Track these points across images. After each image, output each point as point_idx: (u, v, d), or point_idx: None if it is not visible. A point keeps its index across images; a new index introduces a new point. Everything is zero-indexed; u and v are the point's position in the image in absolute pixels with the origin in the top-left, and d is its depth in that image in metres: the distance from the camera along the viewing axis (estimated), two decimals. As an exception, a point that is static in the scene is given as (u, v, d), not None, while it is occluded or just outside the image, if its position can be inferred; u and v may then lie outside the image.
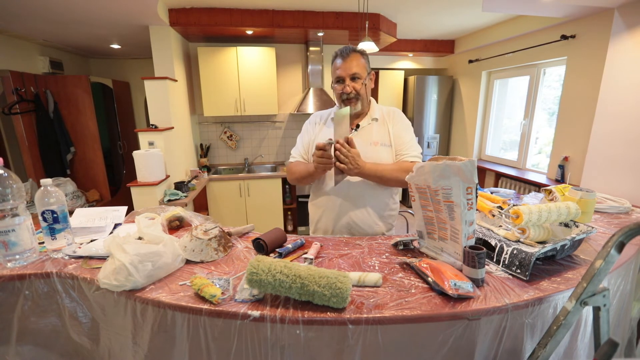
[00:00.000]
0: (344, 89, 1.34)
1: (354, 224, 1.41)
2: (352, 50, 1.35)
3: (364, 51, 1.38)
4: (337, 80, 1.37)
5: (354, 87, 1.34)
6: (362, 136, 1.40)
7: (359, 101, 1.37)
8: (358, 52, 1.36)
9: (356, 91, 1.35)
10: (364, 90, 1.37)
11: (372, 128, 1.41)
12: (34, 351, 1.04)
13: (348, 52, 1.34)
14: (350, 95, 1.35)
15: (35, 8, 2.52)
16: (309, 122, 1.54)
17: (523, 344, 0.86)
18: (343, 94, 1.36)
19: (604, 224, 1.39)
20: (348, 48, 1.35)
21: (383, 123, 1.43)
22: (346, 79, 1.34)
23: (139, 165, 2.67)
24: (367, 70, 1.37)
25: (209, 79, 3.64)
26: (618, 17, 2.03)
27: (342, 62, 1.34)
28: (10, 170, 1.00)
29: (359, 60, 1.35)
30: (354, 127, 1.42)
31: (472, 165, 0.88)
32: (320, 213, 1.46)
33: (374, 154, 1.36)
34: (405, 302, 0.82)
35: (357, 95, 1.36)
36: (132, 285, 0.87)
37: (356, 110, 1.38)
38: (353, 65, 1.33)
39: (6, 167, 0.99)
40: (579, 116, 2.89)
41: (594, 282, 0.73)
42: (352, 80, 1.34)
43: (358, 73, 1.33)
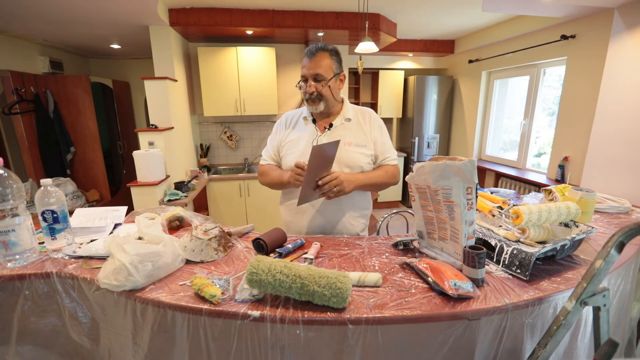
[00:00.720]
0: (307, 88, 1.33)
1: (329, 224, 1.40)
2: (321, 49, 1.31)
3: (335, 50, 1.35)
4: (302, 79, 1.35)
5: (315, 87, 1.31)
6: (335, 136, 1.36)
7: (321, 102, 1.34)
8: (327, 52, 1.32)
9: (318, 92, 1.32)
10: (328, 91, 1.34)
11: (345, 128, 1.39)
12: (34, 351, 1.04)
13: (315, 52, 1.31)
14: (312, 96, 1.33)
15: (35, 8, 2.52)
16: (278, 123, 1.51)
17: (523, 344, 0.86)
18: (306, 93, 1.34)
19: (604, 224, 1.39)
20: (317, 47, 1.32)
21: (357, 123, 1.41)
22: (309, 79, 1.32)
23: (139, 165, 2.66)
24: (334, 71, 1.33)
25: (209, 79, 3.64)
26: (618, 17, 2.02)
27: (307, 61, 1.31)
28: (10, 170, 1.00)
29: (326, 61, 1.31)
30: (327, 127, 1.39)
31: (472, 165, 0.88)
32: (293, 215, 1.43)
33: (347, 155, 1.35)
34: (405, 302, 0.82)
35: (319, 96, 1.33)
36: (132, 285, 0.87)
37: (318, 110, 1.36)
38: (318, 66, 1.30)
39: (6, 167, 0.99)
40: (579, 116, 2.89)
41: (594, 282, 0.73)
42: (315, 80, 1.31)
43: (321, 74, 1.30)
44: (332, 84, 1.34)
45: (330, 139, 1.35)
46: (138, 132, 2.90)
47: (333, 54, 1.34)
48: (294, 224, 1.44)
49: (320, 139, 1.37)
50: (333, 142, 1.18)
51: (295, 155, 1.39)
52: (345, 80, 1.42)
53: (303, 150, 1.37)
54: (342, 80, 1.40)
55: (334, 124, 1.39)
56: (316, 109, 1.35)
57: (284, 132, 1.46)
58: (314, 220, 1.40)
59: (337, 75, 1.36)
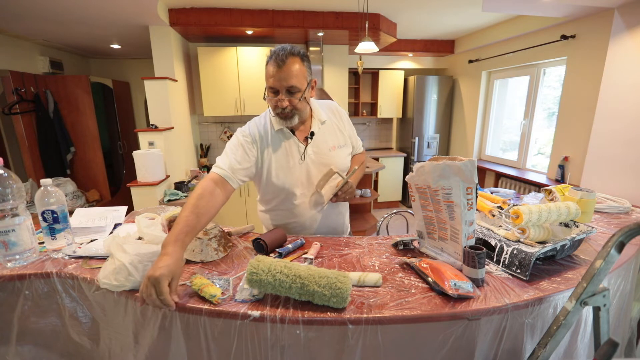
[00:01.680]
0: (278, 102, 1.12)
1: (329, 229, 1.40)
2: (290, 53, 1.09)
3: (304, 54, 1.14)
4: (270, 91, 1.13)
5: (290, 101, 1.12)
6: (320, 144, 1.27)
7: (295, 116, 1.16)
8: (297, 56, 1.10)
9: (292, 106, 1.13)
10: (303, 104, 1.15)
11: (325, 132, 1.29)
12: (34, 351, 1.04)
13: (284, 58, 1.07)
14: (285, 111, 1.13)
15: (35, 8, 2.52)
16: (245, 137, 1.21)
17: (523, 344, 0.86)
18: (277, 107, 1.14)
19: (604, 224, 1.39)
20: (285, 50, 1.08)
21: (331, 123, 1.32)
22: (281, 91, 1.10)
23: (139, 165, 2.67)
24: (307, 79, 1.14)
25: (209, 79, 3.64)
26: (618, 17, 2.03)
27: (276, 70, 1.08)
28: (10, 170, 1.00)
29: (298, 67, 1.09)
30: (308, 136, 1.25)
31: (472, 165, 0.88)
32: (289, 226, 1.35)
33: (333, 159, 1.30)
34: (405, 302, 0.82)
35: (293, 111, 1.14)
36: (132, 285, 0.87)
37: (291, 124, 1.19)
38: (291, 75, 1.08)
39: (6, 167, 0.99)
40: (579, 116, 2.89)
41: (594, 282, 0.73)
42: (289, 93, 1.11)
43: (296, 86, 1.10)
44: (306, 95, 1.16)
45: (316, 148, 1.26)
46: (138, 132, 2.90)
47: (304, 59, 1.13)
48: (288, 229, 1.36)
49: (307, 151, 1.25)
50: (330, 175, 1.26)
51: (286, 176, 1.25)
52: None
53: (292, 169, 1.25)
54: (314, 87, 1.22)
55: (313, 131, 1.25)
56: (290, 123, 1.18)
57: (257, 151, 1.22)
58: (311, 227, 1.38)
59: (310, 84, 1.17)
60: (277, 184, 1.26)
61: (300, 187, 1.28)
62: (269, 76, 1.11)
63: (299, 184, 1.27)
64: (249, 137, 1.22)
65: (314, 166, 1.27)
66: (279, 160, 1.25)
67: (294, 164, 1.25)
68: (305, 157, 1.26)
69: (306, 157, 1.26)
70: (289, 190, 1.27)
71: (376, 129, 5.46)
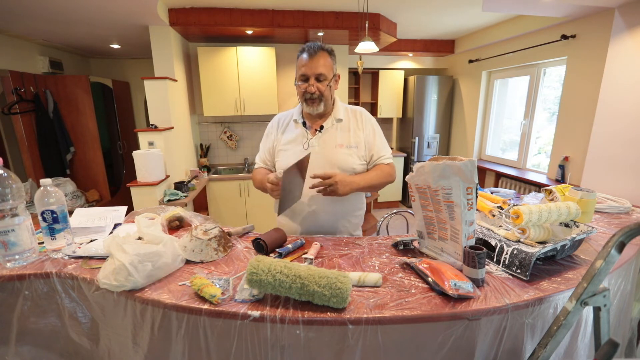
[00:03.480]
0: (308, 88, 1.29)
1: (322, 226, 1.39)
2: (321, 48, 1.28)
3: (332, 50, 1.33)
4: (301, 78, 1.30)
5: (318, 87, 1.28)
6: (327, 138, 1.36)
7: (321, 102, 1.31)
8: (326, 51, 1.30)
9: (320, 92, 1.29)
10: (329, 92, 1.32)
11: (337, 130, 1.37)
12: (33, 351, 1.04)
13: (316, 50, 1.27)
14: (313, 96, 1.29)
15: (35, 8, 2.52)
16: (270, 126, 1.48)
17: (523, 344, 0.86)
18: (306, 93, 1.30)
19: (604, 224, 1.39)
20: (316, 45, 1.29)
21: (348, 124, 1.38)
22: (311, 77, 1.28)
23: (138, 165, 2.66)
24: (333, 72, 1.32)
25: (209, 79, 3.64)
26: (618, 17, 2.02)
27: (308, 60, 1.27)
28: (10, 170, 1.00)
29: (327, 60, 1.29)
30: (318, 129, 1.37)
31: (472, 165, 0.87)
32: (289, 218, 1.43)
33: (338, 157, 1.34)
34: (405, 302, 0.82)
35: (321, 97, 1.30)
36: (131, 285, 0.87)
37: (318, 111, 1.34)
38: (320, 65, 1.26)
39: (6, 167, 0.99)
40: (579, 116, 2.89)
41: (595, 282, 0.73)
42: (317, 80, 1.28)
43: (324, 74, 1.27)
44: (332, 84, 1.33)
45: (322, 141, 1.35)
46: (138, 132, 2.90)
47: (332, 55, 1.32)
48: (288, 227, 1.43)
49: (311, 141, 1.35)
50: (303, 159, 1.19)
51: (287, 159, 1.36)
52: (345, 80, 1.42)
53: (294, 154, 1.35)
54: (337, 82, 1.38)
55: (324, 125, 1.36)
56: (316, 109, 1.33)
57: (275, 136, 1.44)
58: (308, 223, 1.39)
59: (335, 76, 1.34)
60: (278, 167, 1.41)
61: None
62: (301, 65, 1.30)
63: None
64: (272, 125, 1.48)
65: (316, 157, 1.33)
66: (285, 143, 1.41)
67: (297, 150, 1.36)
68: (309, 147, 1.35)
69: (309, 146, 1.35)
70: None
71: (376, 129, 5.46)
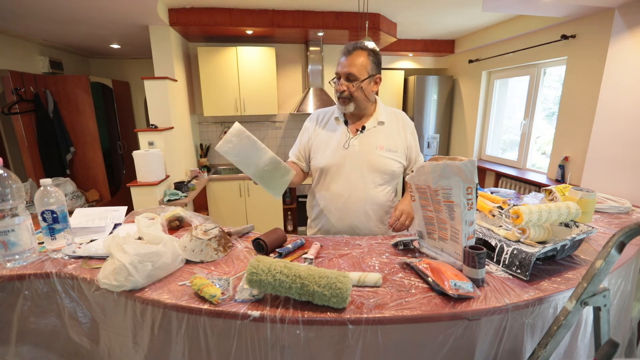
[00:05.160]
0: (338, 87, 1.30)
1: (355, 227, 1.40)
2: (359, 47, 1.27)
3: (373, 51, 1.29)
4: (336, 76, 1.32)
5: (347, 87, 1.28)
6: (368, 139, 1.35)
7: (351, 102, 1.31)
8: (364, 51, 1.27)
9: (349, 92, 1.28)
10: (360, 92, 1.29)
11: (378, 131, 1.37)
12: (33, 351, 1.04)
13: (352, 50, 1.27)
14: (342, 95, 1.29)
15: (35, 8, 2.52)
16: (309, 120, 1.48)
17: (523, 344, 0.86)
18: (337, 91, 1.31)
19: (604, 224, 1.39)
20: (355, 44, 1.28)
21: (390, 127, 1.38)
22: (342, 77, 1.29)
23: (138, 165, 2.66)
24: (368, 72, 1.28)
25: (209, 78, 3.64)
26: (618, 17, 2.02)
27: (344, 59, 1.28)
28: (10, 170, 1.00)
29: (362, 60, 1.26)
30: (360, 129, 1.36)
31: (472, 165, 0.87)
32: (321, 215, 1.45)
33: (378, 159, 1.34)
34: (405, 302, 0.82)
35: (350, 97, 1.29)
36: (131, 285, 0.87)
37: (348, 111, 1.33)
38: (352, 64, 1.26)
39: (6, 167, 0.99)
40: (579, 116, 2.89)
41: (595, 282, 0.73)
42: (348, 80, 1.28)
43: (354, 74, 1.26)
44: (364, 85, 1.29)
45: (363, 142, 1.35)
46: (138, 132, 2.90)
47: (371, 54, 1.28)
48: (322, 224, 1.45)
49: (352, 141, 1.35)
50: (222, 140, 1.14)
51: (325, 157, 1.38)
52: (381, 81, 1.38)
53: (333, 152, 1.35)
54: (377, 83, 1.34)
55: (366, 126, 1.36)
56: (346, 109, 1.33)
57: (313, 130, 1.44)
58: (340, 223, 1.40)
59: (372, 77, 1.30)
60: (315, 163, 1.42)
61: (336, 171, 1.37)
62: (338, 64, 1.31)
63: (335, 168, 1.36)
64: (310, 120, 1.48)
65: (356, 157, 1.34)
66: (323, 140, 1.40)
67: (337, 148, 1.36)
68: (349, 146, 1.35)
69: (350, 146, 1.35)
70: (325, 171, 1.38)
71: (376, 129, 5.46)
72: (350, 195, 1.36)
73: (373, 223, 1.41)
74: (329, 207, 1.40)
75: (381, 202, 1.40)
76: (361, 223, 1.39)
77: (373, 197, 1.37)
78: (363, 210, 1.38)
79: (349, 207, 1.38)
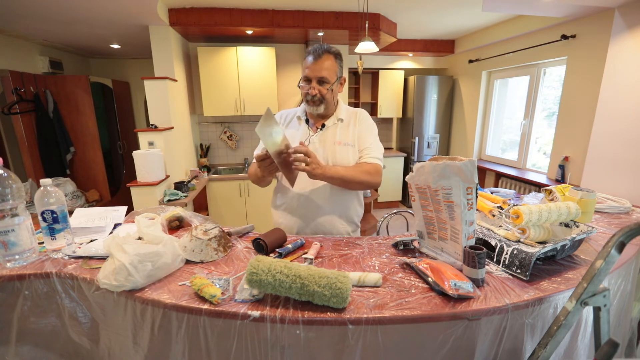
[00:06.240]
0: (310, 90, 1.31)
1: (319, 224, 1.39)
2: (326, 50, 1.30)
3: (339, 53, 1.34)
4: (304, 79, 1.33)
5: (319, 90, 1.30)
6: (327, 136, 1.38)
7: (322, 104, 1.34)
8: (332, 54, 1.31)
9: (321, 95, 1.31)
10: (330, 95, 1.33)
11: (337, 128, 1.40)
12: (33, 351, 1.04)
13: (321, 53, 1.29)
14: (314, 98, 1.32)
15: (35, 8, 2.52)
16: None
17: (523, 344, 0.86)
18: (308, 94, 1.33)
19: (604, 224, 1.39)
20: (322, 48, 1.30)
21: (348, 124, 1.41)
22: (313, 80, 1.30)
23: (138, 165, 2.66)
24: (337, 75, 1.33)
25: (209, 78, 3.64)
26: (618, 16, 2.02)
27: (312, 62, 1.29)
28: (10, 170, 1.00)
29: (331, 63, 1.30)
30: (320, 127, 1.40)
31: (472, 165, 0.87)
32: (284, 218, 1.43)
33: (336, 153, 1.35)
34: (405, 302, 0.82)
35: (322, 99, 1.32)
36: (131, 285, 0.87)
37: (318, 112, 1.36)
38: (323, 68, 1.28)
39: (6, 167, 0.99)
40: (579, 116, 2.89)
41: (595, 282, 0.73)
42: (320, 83, 1.30)
43: (326, 77, 1.29)
44: (334, 88, 1.34)
45: (322, 138, 1.37)
46: (138, 132, 2.90)
47: (337, 57, 1.33)
48: (284, 227, 1.44)
49: (312, 138, 1.37)
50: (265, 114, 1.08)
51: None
52: (345, 82, 1.41)
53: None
54: (342, 84, 1.40)
55: (326, 124, 1.39)
56: (316, 110, 1.36)
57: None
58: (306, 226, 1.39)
59: (339, 79, 1.35)
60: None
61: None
62: (305, 67, 1.32)
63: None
64: (277, 118, 1.48)
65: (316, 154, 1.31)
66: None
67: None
68: (310, 143, 1.37)
69: (310, 143, 1.37)
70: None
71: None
72: (312, 191, 1.37)
73: (337, 219, 1.41)
74: (292, 205, 1.40)
75: (343, 197, 1.40)
76: (325, 220, 1.39)
77: (334, 192, 1.37)
78: (326, 205, 1.38)
79: (311, 202, 1.37)
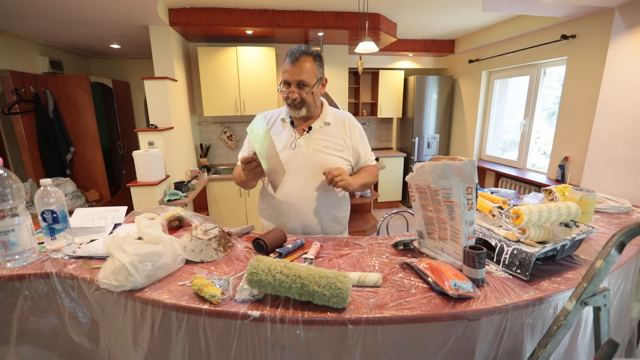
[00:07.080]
0: (289, 94, 1.28)
1: (307, 226, 1.38)
2: (304, 52, 1.26)
3: (318, 54, 1.31)
4: (284, 83, 1.31)
5: (299, 94, 1.28)
6: (314, 139, 1.36)
7: (303, 107, 1.31)
8: (310, 55, 1.28)
9: (302, 98, 1.29)
10: (311, 97, 1.31)
11: (324, 132, 1.37)
12: (33, 351, 1.04)
13: (298, 55, 1.25)
14: (295, 102, 1.29)
15: (35, 8, 2.52)
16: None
17: (523, 344, 0.86)
18: (288, 98, 1.30)
19: (604, 224, 1.39)
20: (299, 50, 1.26)
21: (336, 128, 1.39)
22: (292, 84, 1.28)
23: (138, 165, 2.66)
24: (317, 76, 1.30)
25: (209, 78, 3.64)
26: (618, 16, 2.02)
27: (290, 66, 1.26)
28: (10, 170, 1.00)
29: (310, 65, 1.27)
30: (306, 129, 1.37)
31: (472, 165, 0.87)
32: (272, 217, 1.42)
33: (325, 158, 1.34)
34: (405, 302, 0.82)
35: (303, 102, 1.30)
36: (131, 285, 0.87)
37: (300, 115, 1.34)
38: (302, 71, 1.25)
39: (6, 167, 0.99)
40: (579, 116, 2.89)
41: (595, 282, 0.73)
42: (299, 87, 1.28)
43: (305, 80, 1.26)
44: (314, 90, 1.31)
45: (309, 142, 1.35)
46: (138, 132, 2.90)
47: (317, 59, 1.30)
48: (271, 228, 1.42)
49: (298, 141, 1.35)
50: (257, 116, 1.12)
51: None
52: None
53: (280, 153, 1.33)
54: (324, 85, 1.37)
55: (313, 127, 1.37)
56: (298, 114, 1.33)
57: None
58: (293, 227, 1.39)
59: (320, 81, 1.32)
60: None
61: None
62: (284, 70, 1.29)
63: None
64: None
65: (303, 157, 1.34)
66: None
67: (284, 149, 1.36)
68: (296, 147, 1.35)
69: (297, 146, 1.35)
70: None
71: (376, 129, 5.46)
72: (299, 195, 1.35)
73: (325, 222, 1.40)
74: (280, 208, 1.38)
75: (331, 201, 1.39)
76: (313, 222, 1.38)
77: (322, 195, 1.36)
78: (314, 209, 1.37)
79: (299, 207, 1.36)
